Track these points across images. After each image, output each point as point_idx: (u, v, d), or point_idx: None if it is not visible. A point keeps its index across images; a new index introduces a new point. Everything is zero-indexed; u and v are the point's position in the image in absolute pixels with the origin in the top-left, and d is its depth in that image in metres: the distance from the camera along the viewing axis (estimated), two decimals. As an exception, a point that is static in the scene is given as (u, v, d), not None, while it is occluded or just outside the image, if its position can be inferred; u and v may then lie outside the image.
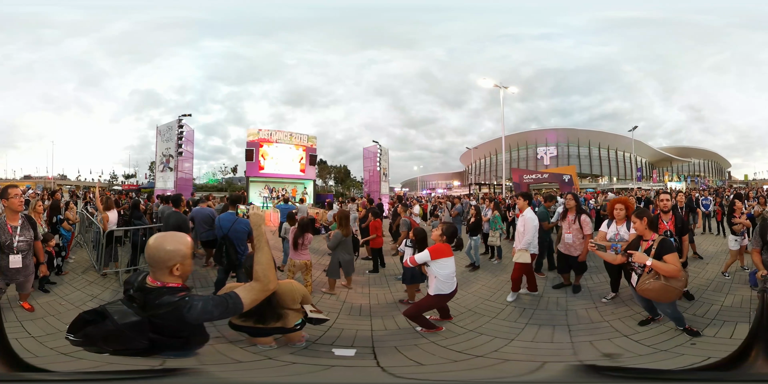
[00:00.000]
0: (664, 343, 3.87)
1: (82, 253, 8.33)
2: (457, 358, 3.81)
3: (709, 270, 6.68)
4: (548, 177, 39.27)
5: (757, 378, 1.76)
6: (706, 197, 12.43)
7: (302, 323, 3.71)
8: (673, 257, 3.75)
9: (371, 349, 4.02)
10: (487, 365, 3.64)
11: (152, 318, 1.73)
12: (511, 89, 25.91)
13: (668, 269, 3.67)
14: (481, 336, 4.37)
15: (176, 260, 1.81)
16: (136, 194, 25.56)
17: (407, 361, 3.74)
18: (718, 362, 2.10)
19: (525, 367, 3.57)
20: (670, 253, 3.78)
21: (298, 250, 6.05)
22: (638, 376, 2.17)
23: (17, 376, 1.81)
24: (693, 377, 2.18)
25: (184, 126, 19.81)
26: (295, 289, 3.71)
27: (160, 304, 1.73)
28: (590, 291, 5.80)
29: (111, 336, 1.71)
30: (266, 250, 1.93)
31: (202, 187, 50.41)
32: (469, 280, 6.78)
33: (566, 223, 5.92)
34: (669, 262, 3.71)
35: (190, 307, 1.71)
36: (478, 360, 3.73)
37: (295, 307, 3.66)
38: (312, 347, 3.95)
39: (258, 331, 3.57)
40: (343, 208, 8.75)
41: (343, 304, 5.69)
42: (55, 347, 3.59)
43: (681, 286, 3.79)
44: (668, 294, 3.75)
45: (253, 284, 1.88)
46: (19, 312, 4.64)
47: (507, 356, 3.83)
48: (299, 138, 27.62)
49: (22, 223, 4.34)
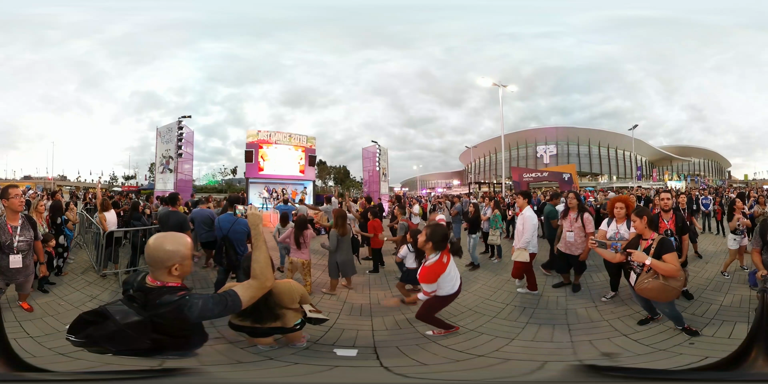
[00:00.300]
0: (663, 343, 3.88)
1: (81, 253, 8.33)
2: (458, 358, 3.80)
3: (708, 269, 6.69)
4: (548, 175, 39.37)
5: (757, 378, 1.76)
6: (706, 197, 12.43)
7: (302, 323, 3.69)
8: (673, 257, 3.75)
9: (373, 349, 4.01)
10: (489, 365, 3.64)
11: (154, 317, 1.74)
12: (510, 88, 25.92)
13: (667, 269, 3.67)
14: (482, 336, 4.37)
15: (175, 260, 1.84)
16: (135, 195, 25.54)
17: (410, 361, 3.73)
18: (718, 362, 2.11)
19: (526, 367, 3.60)
20: (670, 252, 3.77)
21: (300, 248, 6.05)
22: (638, 376, 2.19)
23: (17, 376, 1.83)
24: (693, 377, 2.21)
25: (184, 127, 19.84)
26: (294, 289, 3.69)
27: (161, 303, 1.75)
28: (590, 290, 5.80)
29: (114, 336, 1.71)
30: (263, 249, 1.97)
31: (202, 188, 50.48)
32: (469, 280, 6.75)
33: (567, 221, 5.91)
34: (668, 261, 3.71)
35: (190, 306, 1.75)
36: (479, 360, 3.72)
37: (294, 306, 3.64)
38: (313, 348, 3.94)
39: (257, 331, 3.55)
40: (341, 208, 8.68)
41: (344, 304, 5.69)
42: (54, 347, 3.58)
43: (680, 286, 3.80)
44: (667, 293, 3.76)
45: (251, 282, 1.92)
46: (18, 312, 4.63)
47: (508, 356, 3.83)
48: (298, 139, 27.64)
49: (22, 223, 4.33)
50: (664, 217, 5.32)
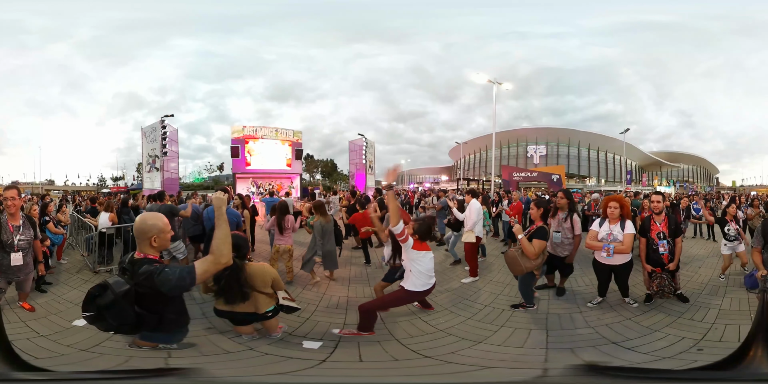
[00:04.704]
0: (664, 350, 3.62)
1: (75, 254, 8.34)
2: (403, 357, 3.57)
3: (702, 274, 6.54)
4: (537, 175, 39.36)
5: (757, 378, 1.79)
6: (696, 202, 12.37)
7: (274, 311, 3.75)
8: (538, 243, 4.55)
9: (336, 343, 3.85)
10: (428, 365, 3.43)
11: (136, 287, 2.05)
12: (505, 85, 25.47)
13: (527, 249, 4.53)
14: (449, 337, 4.08)
15: (154, 232, 2.20)
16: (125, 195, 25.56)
17: (355, 357, 3.58)
18: (718, 362, 2.11)
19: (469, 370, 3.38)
20: (539, 239, 4.57)
21: (283, 234, 6.17)
22: (638, 376, 2.21)
23: (17, 376, 1.89)
24: (693, 377, 2.23)
25: (167, 126, 19.99)
26: (267, 272, 3.75)
27: (141, 272, 2.05)
28: (575, 294, 5.47)
29: (112, 305, 2.01)
30: (223, 227, 2.08)
31: (189, 186, 50.42)
32: (449, 278, 6.43)
33: (555, 221, 5.55)
34: (534, 245, 4.53)
35: (159, 273, 2.01)
36: (424, 360, 3.51)
37: (266, 290, 3.69)
38: (287, 339, 3.93)
39: (237, 318, 3.72)
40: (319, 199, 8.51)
41: (322, 296, 5.53)
42: (72, 344, 3.63)
43: (529, 267, 4.55)
44: (515, 266, 4.63)
45: (207, 257, 2.07)
46: (20, 313, 4.59)
47: (460, 359, 3.52)
48: (285, 133, 27.54)
49: (23, 222, 4.49)
50: (656, 219, 4.98)
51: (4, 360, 1.91)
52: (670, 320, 4.33)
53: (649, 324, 4.26)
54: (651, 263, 4.86)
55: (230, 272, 3.41)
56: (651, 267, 4.83)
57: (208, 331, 3.98)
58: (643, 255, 4.98)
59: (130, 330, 2.19)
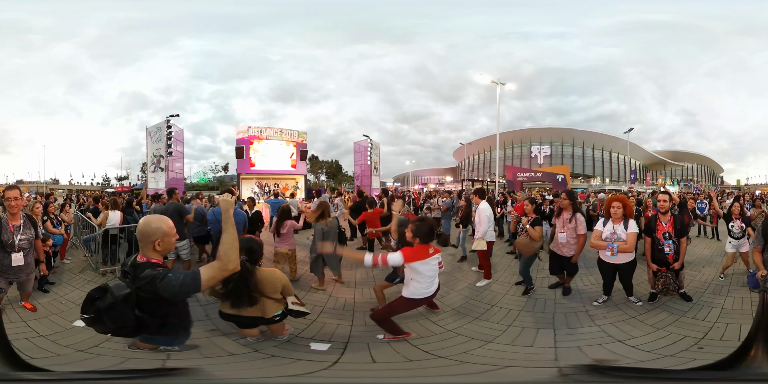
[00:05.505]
0: (666, 348, 3.66)
1: (78, 253, 8.32)
2: (416, 358, 3.57)
3: (705, 273, 6.57)
4: (542, 176, 39.26)
5: (757, 378, 1.78)
6: (701, 201, 12.33)
7: (282, 315, 3.68)
8: (539, 229, 5.67)
9: (344, 345, 3.88)
10: (443, 366, 3.44)
11: (138, 291, 2.00)
12: (508, 86, 25.54)
13: (533, 233, 5.58)
14: (458, 337, 4.12)
15: (158, 235, 2.15)
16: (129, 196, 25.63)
17: (367, 358, 3.59)
18: (718, 362, 2.11)
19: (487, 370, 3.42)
20: (537, 226, 5.65)
21: (280, 238, 6.14)
22: (638, 376, 2.21)
23: (17, 376, 1.87)
24: (692, 376, 2.23)
25: (173, 126, 19.91)
26: (277, 278, 3.67)
27: (144, 276, 2.00)
28: (580, 293, 5.54)
29: (111, 308, 1.96)
30: (230, 232, 2.03)
31: (194, 186, 50.39)
32: (456, 279, 6.50)
33: (560, 221, 5.62)
34: (535, 230, 5.61)
35: (162, 278, 1.96)
36: (439, 361, 3.52)
37: (275, 296, 3.63)
38: (294, 341, 3.90)
39: (243, 322, 3.63)
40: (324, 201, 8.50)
41: (328, 298, 5.53)
42: (70, 344, 3.63)
43: (536, 248, 5.67)
44: (527, 248, 5.65)
45: (214, 263, 2.01)
46: (22, 312, 4.60)
47: (474, 359, 3.56)
48: (289, 134, 27.47)
49: (23, 221, 4.46)
50: (662, 219, 5.04)
51: (4, 360, 1.89)
52: (673, 319, 4.40)
53: (653, 322, 4.32)
54: (656, 263, 4.93)
55: (239, 276, 3.27)
56: (656, 266, 4.91)
57: (211, 333, 3.95)
58: (648, 254, 5.05)
59: (129, 333, 2.13)
